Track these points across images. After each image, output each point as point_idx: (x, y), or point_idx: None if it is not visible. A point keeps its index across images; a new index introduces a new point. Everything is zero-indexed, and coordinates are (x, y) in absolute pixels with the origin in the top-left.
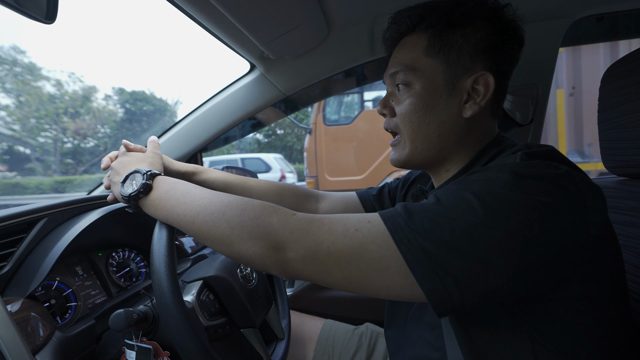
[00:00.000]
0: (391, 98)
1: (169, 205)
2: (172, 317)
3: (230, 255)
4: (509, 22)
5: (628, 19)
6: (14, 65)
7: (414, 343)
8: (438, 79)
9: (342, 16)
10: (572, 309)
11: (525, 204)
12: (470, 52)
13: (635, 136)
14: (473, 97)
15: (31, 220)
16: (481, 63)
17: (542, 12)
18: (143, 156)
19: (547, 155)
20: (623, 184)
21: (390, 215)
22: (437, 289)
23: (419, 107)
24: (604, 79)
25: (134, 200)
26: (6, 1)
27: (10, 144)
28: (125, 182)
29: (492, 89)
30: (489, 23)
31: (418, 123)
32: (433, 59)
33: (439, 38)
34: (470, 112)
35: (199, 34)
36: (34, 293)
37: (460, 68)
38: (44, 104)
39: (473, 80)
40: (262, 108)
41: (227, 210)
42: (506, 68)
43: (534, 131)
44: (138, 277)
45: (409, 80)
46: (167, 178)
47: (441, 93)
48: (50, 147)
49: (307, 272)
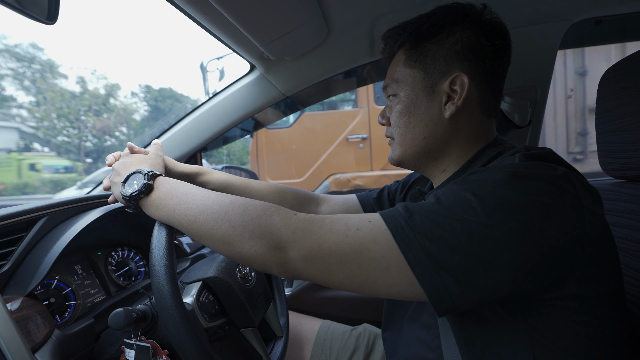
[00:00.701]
0: (387, 109)
1: (171, 204)
2: (172, 320)
3: (231, 255)
4: (483, 22)
5: (626, 22)
6: (31, 62)
7: (410, 344)
8: (418, 86)
9: (342, 18)
10: (570, 309)
11: (523, 203)
12: (444, 56)
13: (632, 139)
14: (452, 98)
15: (31, 219)
16: (457, 64)
17: (540, 15)
18: (145, 157)
19: (545, 157)
20: (620, 186)
21: (391, 215)
22: (437, 287)
23: (403, 113)
24: (601, 82)
25: (134, 200)
26: (8, 2)
27: (34, 141)
28: (126, 182)
29: (467, 87)
30: (462, 27)
31: (404, 127)
32: (412, 69)
33: (413, 50)
34: (449, 112)
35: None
36: (33, 292)
37: (437, 72)
38: (66, 101)
39: (449, 81)
40: (262, 108)
41: (229, 210)
42: (488, 64)
43: (532, 133)
44: (137, 276)
45: (395, 91)
46: (168, 179)
47: (421, 98)
48: (73, 145)
49: (308, 272)
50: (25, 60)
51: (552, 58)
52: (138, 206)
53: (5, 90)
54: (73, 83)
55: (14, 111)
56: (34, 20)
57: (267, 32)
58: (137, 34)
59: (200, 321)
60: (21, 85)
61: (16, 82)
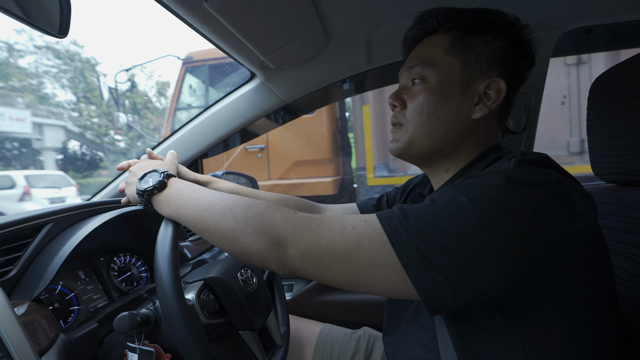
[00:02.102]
0: (404, 91)
1: (181, 200)
2: (173, 311)
3: (233, 250)
4: (526, 40)
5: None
6: (72, 60)
7: (410, 346)
8: (454, 77)
9: (341, 28)
10: (562, 312)
11: (516, 208)
12: (487, 58)
13: (622, 144)
14: (484, 101)
15: (37, 225)
16: (496, 70)
17: (532, 25)
18: (161, 162)
19: (540, 162)
20: (612, 190)
21: (387, 215)
22: (428, 286)
23: (431, 100)
24: (592, 90)
25: (148, 195)
26: (21, 17)
27: (79, 140)
28: (142, 179)
29: (503, 95)
30: (509, 36)
31: (427, 115)
32: (453, 57)
33: (461, 40)
34: (480, 114)
35: None
36: (39, 297)
37: (476, 71)
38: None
39: (486, 85)
40: (262, 115)
41: (235, 206)
42: (516, 82)
43: (527, 138)
44: (139, 281)
45: (426, 75)
46: (181, 180)
47: (455, 91)
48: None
49: (305, 268)
50: (65, 58)
51: (545, 66)
52: (150, 202)
53: (49, 88)
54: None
55: (60, 110)
56: (45, 33)
57: (267, 42)
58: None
59: (199, 317)
60: (64, 83)
61: (58, 80)
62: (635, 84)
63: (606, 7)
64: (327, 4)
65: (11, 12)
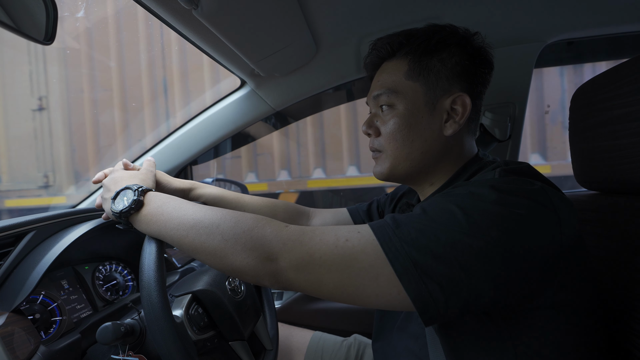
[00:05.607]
0: (375, 119)
1: (162, 219)
2: (161, 332)
3: (222, 267)
4: (479, 48)
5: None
6: None
7: (399, 354)
8: (419, 100)
9: (330, 37)
10: (550, 318)
11: (503, 216)
12: (447, 75)
13: (603, 153)
14: (452, 117)
15: (19, 234)
16: (458, 85)
17: (516, 37)
18: (135, 173)
19: (522, 171)
20: (594, 197)
21: (380, 225)
22: (422, 295)
23: (402, 126)
24: (573, 99)
25: (124, 216)
26: (8, 25)
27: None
28: (115, 198)
29: (470, 108)
30: (462, 49)
31: (402, 141)
32: (414, 82)
33: (418, 63)
34: (451, 130)
35: None
36: (19, 307)
37: (439, 90)
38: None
39: (451, 100)
40: (252, 122)
41: (221, 223)
42: (479, 90)
43: (512, 146)
44: (125, 290)
45: (392, 102)
46: (159, 194)
47: (423, 113)
48: None
49: (299, 282)
50: None
51: (528, 76)
52: (129, 222)
53: None
54: None
55: None
56: (32, 40)
57: (257, 50)
58: None
59: (189, 334)
60: None
61: None
62: (617, 94)
63: (586, 21)
64: (316, 14)
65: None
